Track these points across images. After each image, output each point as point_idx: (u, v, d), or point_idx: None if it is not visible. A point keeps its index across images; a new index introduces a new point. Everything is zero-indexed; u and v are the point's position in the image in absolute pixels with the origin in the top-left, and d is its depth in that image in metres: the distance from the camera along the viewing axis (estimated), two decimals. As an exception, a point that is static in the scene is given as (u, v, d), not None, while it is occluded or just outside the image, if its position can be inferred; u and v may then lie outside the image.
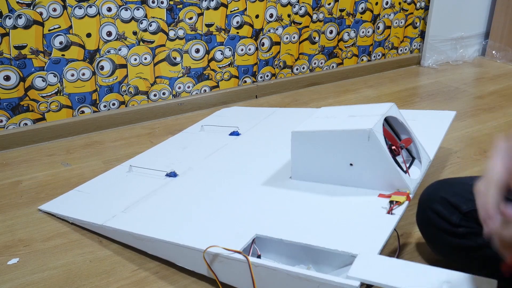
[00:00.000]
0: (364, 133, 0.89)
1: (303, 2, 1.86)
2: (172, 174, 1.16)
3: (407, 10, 2.16)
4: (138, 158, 1.33)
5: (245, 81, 1.86)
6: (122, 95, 1.62)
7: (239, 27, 1.75)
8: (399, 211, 0.83)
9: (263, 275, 0.73)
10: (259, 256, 0.80)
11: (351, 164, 0.92)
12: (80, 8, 1.44)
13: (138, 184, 1.16)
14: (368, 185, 0.91)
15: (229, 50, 1.77)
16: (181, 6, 1.61)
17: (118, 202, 1.06)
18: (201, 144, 1.38)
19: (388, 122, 1.00)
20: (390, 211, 0.83)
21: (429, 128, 1.19)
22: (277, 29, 1.84)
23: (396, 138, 0.98)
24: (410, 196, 0.86)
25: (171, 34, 1.63)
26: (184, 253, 0.84)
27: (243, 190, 1.04)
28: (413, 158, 1.00)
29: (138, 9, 1.54)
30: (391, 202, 0.85)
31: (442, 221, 0.81)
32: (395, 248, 0.91)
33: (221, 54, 1.76)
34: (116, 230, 0.95)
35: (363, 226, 0.81)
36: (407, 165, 0.97)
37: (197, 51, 1.70)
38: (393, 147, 0.93)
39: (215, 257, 0.78)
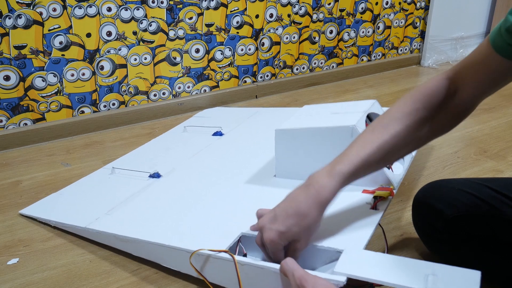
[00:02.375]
0: (347, 129, 0.89)
1: (303, 2, 1.86)
2: (156, 175, 1.15)
3: (407, 10, 2.16)
4: (121, 160, 1.32)
5: (245, 81, 1.86)
6: (122, 95, 1.62)
7: (239, 27, 1.75)
8: (383, 206, 0.84)
9: (250, 274, 0.72)
10: (245, 255, 0.80)
11: None
12: (80, 8, 1.44)
13: (121, 185, 1.15)
14: None
15: (229, 50, 1.77)
16: (181, 6, 1.61)
17: (101, 204, 1.05)
18: (184, 145, 1.37)
19: (371, 119, 1.00)
20: (374, 207, 0.84)
21: None
22: (277, 29, 1.84)
23: None
24: (394, 191, 0.86)
25: (171, 34, 1.63)
26: (170, 255, 0.84)
27: (228, 189, 1.03)
28: None
29: (138, 9, 1.54)
30: (375, 197, 0.85)
31: (429, 226, 0.82)
32: (383, 243, 0.91)
33: (221, 54, 1.76)
34: (100, 233, 0.94)
35: (348, 222, 0.81)
36: None
37: (197, 51, 1.70)
38: None
39: (203, 259, 0.78)
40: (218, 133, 1.38)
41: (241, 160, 1.18)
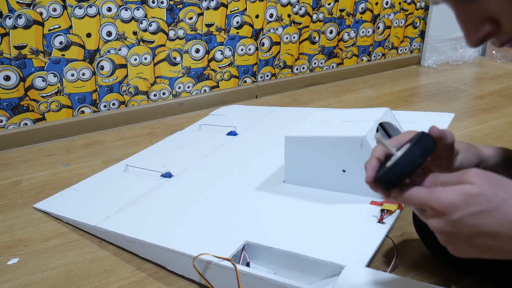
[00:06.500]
0: (356, 140, 0.88)
1: (303, 2, 1.86)
2: (167, 175, 1.16)
3: (407, 10, 2.16)
4: (135, 157, 1.33)
5: (245, 81, 1.86)
6: (122, 95, 1.62)
7: (239, 27, 1.75)
8: (390, 220, 0.83)
9: (251, 284, 0.72)
10: (248, 264, 0.80)
11: (343, 171, 0.92)
12: (80, 8, 1.44)
13: (133, 184, 1.16)
14: (360, 191, 0.91)
15: (229, 50, 1.77)
16: (181, 6, 1.61)
17: (112, 203, 1.06)
18: (198, 144, 1.38)
19: (383, 127, 1.00)
20: (380, 220, 0.83)
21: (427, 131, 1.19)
22: (277, 29, 1.84)
23: None
24: (402, 204, 0.86)
25: (171, 34, 1.63)
26: (175, 258, 0.84)
27: (236, 193, 1.03)
28: None
29: (138, 9, 1.54)
30: (382, 210, 0.85)
31: (429, 227, 0.82)
32: (391, 253, 0.91)
33: (221, 54, 1.76)
34: (109, 232, 0.95)
35: (353, 236, 0.81)
36: None
37: (197, 51, 1.70)
38: None
39: (205, 264, 0.78)
40: (232, 133, 1.39)
41: (252, 162, 1.18)
